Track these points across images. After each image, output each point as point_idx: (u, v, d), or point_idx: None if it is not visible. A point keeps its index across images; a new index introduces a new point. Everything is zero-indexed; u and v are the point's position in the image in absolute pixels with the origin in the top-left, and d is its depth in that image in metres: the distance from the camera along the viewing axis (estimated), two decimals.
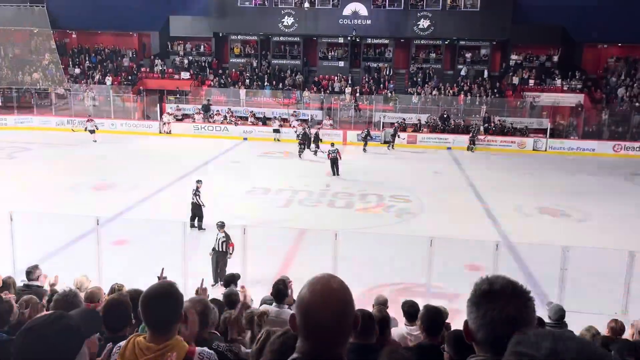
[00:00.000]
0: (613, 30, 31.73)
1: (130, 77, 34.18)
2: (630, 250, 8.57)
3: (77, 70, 34.82)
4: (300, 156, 24.12)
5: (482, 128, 28.01)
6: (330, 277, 1.63)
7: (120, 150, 25.12)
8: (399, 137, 27.29)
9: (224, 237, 10.55)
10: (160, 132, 29.60)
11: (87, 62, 35.62)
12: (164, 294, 2.32)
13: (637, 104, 29.59)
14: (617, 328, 5.72)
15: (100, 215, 10.27)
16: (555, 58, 33.40)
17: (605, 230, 14.66)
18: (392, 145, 26.88)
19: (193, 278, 8.77)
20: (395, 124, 28.04)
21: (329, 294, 1.57)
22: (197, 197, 13.91)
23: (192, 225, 13.38)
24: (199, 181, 14.38)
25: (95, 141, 26.29)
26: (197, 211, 13.89)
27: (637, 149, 26.96)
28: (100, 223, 9.66)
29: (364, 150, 26.43)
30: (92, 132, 26.76)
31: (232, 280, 6.98)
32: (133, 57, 36.22)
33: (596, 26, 31.11)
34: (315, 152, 24.37)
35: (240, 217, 14.49)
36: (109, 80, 33.44)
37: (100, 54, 36.27)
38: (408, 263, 10.83)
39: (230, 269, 7.58)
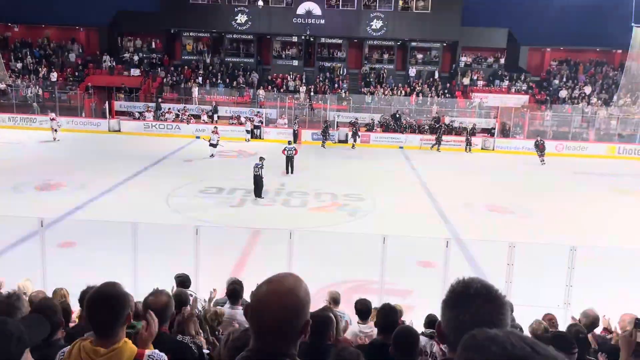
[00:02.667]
0: (555, 35, 33.22)
1: (76, 73, 33.00)
2: (572, 245, 8.94)
3: (19, 65, 33.32)
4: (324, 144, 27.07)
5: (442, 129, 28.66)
6: (283, 278, 1.59)
7: (66, 149, 24.23)
8: (359, 136, 27.62)
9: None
10: (109, 130, 28.75)
11: (29, 57, 34.14)
12: (107, 296, 2.25)
13: (578, 105, 30.96)
14: (551, 321, 6.02)
15: (45, 216, 9.88)
16: (502, 60, 34.54)
17: (549, 226, 15.27)
18: (354, 145, 27.26)
19: (143, 280, 8.57)
20: (356, 124, 28.38)
21: (272, 298, 1.53)
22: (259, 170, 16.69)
23: (258, 196, 16.66)
24: (262, 158, 17.10)
25: (57, 140, 25.53)
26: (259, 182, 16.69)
27: (579, 148, 28.21)
28: (44, 224, 9.28)
29: (323, 146, 26.67)
30: (55, 130, 25.97)
31: (184, 281, 6.85)
32: (80, 53, 34.99)
33: (539, 30, 32.48)
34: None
35: (193, 217, 14.29)
36: (54, 76, 32.18)
37: (45, 48, 34.85)
38: (361, 261, 10.93)
39: (182, 269, 7.44)
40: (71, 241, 11.96)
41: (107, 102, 29.82)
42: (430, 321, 5.40)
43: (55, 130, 26.00)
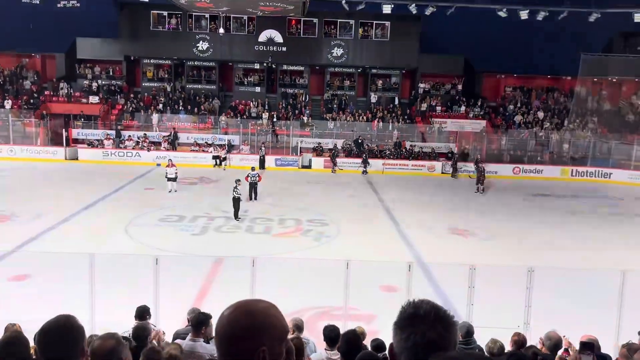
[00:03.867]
0: (509, 62, 34.61)
1: (32, 101, 32.20)
2: (530, 266, 9.16)
3: None
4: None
5: (456, 156, 28.88)
6: (235, 308, 1.56)
7: (20, 178, 23.46)
8: (335, 164, 27.98)
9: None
10: (66, 159, 28.03)
11: None
12: (60, 328, 2.17)
13: (532, 130, 32.09)
14: (519, 340, 6.10)
15: None
16: (460, 86, 35.61)
17: (507, 248, 15.62)
18: (334, 170, 27.81)
19: (100, 313, 8.30)
20: (333, 149, 29.03)
21: (220, 326, 1.53)
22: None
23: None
24: (238, 181, 17.63)
25: None
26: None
27: (535, 171, 29.14)
28: None
29: (365, 172, 27.76)
30: None
31: (143, 313, 6.66)
32: (35, 80, 34.21)
33: (493, 57, 33.81)
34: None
35: (153, 246, 13.99)
36: (8, 103, 31.30)
37: None
38: (325, 286, 10.90)
39: (142, 301, 7.24)
40: (24, 274, 11.50)
41: (64, 129, 29.11)
42: (376, 345, 5.35)
43: None
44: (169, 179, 21.36)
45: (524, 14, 27.82)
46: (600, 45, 34.49)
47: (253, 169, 21.51)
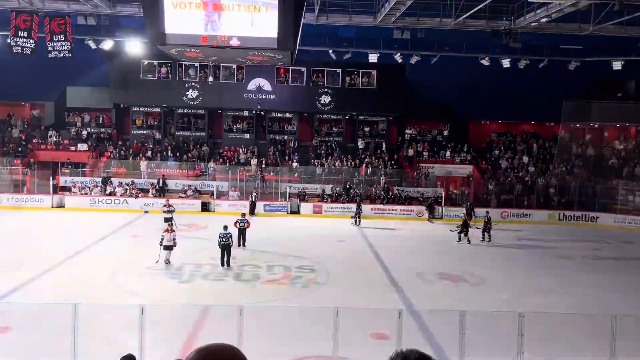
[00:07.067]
0: (493, 108, 35.46)
1: (20, 149, 32.15)
2: (520, 311, 9.12)
3: None
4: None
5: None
6: (198, 351, 1.57)
7: (4, 227, 23.13)
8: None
9: None
10: (52, 206, 27.79)
11: None
12: None
13: (519, 175, 32.51)
14: None
15: None
16: (446, 132, 36.22)
17: (497, 293, 15.53)
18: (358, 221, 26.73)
19: None
20: (358, 199, 28.34)
21: None
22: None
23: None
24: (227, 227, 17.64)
25: None
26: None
27: (522, 215, 29.34)
28: None
29: (468, 222, 23.62)
30: None
31: None
32: (24, 128, 34.26)
33: (478, 104, 34.66)
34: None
35: (139, 294, 13.73)
36: None
37: None
38: (315, 335, 10.71)
39: (127, 350, 7.05)
40: (5, 326, 11.17)
41: (51, 177, 28.96)
42: None
43: None
44: (165, 247, 17.08)
45: (505, 63, 28.71)
46: (582, 91, 35.50)
47: (243, 215, 21.41)
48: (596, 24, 21.86)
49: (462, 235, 22.92)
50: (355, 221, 26.79)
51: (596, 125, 35.39)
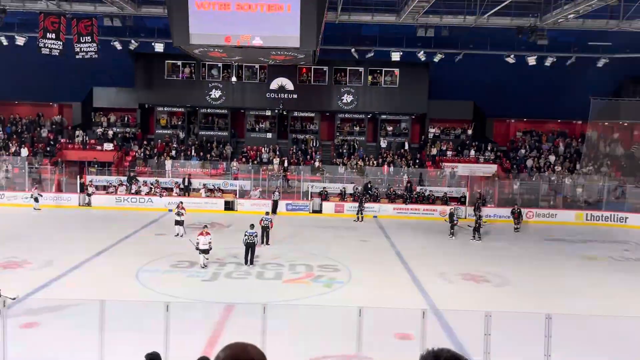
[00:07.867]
0: (518, 107, 34.86)
1: (48, 148, 32.84)
2: (547, 312, 8.95)
3: None
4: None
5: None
6: (241, 345, 1.56)
7: (35, 225, 23.65)
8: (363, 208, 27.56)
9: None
10: (80, 205, 28.36)
11: (1, 132, 33.95)
12: None
13: (545, 174, 31.96)
14: None
15: (7, 295, 9.48)
16: (470, 131, 35.78)
17: (523, 294, 15.28)
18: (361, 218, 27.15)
19: None
20: (362, 195, 28.53)
21: None
22: None
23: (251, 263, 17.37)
24: (252, 225, 17.79)
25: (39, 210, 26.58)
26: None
27: (548, 215, 28.82)
28: (6, 304, 8.89)
29: (451, 235, 23.52)
30: (36, 200, 26.97)
31: (153, 359, 6.54)
32: (53, 128, 34.99)
33: (503, 102, 34.08)
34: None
35: (164, 292, 13.89)
36: (24, 151, 31.93)
37: (17, 124, 34.78)
38: (338, 334, 10.68)
39: (152, 348, 7.13)
40: (34, 322, 11.41)
41: (78, 176, 29.52)
42: None
43: (37, 200, 27.08)
44: (202, 251, 16.96)
45: (531, 60, 28.13)
46: (610, 89, 34.72)
47: (267, 213, 21.65)
48: (625, 20, 21.35)
49: (475, 232, 23.04)
50: (358, 218, 26.95)
51: (625, 124, 34.55)
